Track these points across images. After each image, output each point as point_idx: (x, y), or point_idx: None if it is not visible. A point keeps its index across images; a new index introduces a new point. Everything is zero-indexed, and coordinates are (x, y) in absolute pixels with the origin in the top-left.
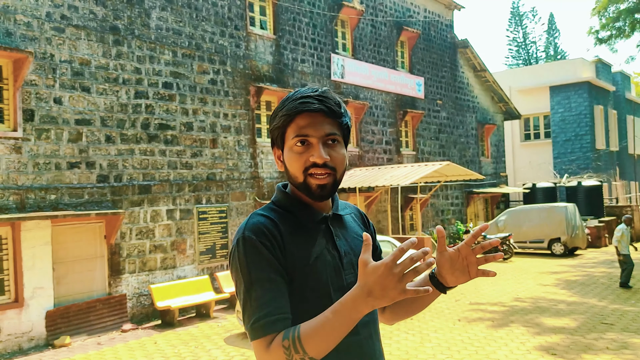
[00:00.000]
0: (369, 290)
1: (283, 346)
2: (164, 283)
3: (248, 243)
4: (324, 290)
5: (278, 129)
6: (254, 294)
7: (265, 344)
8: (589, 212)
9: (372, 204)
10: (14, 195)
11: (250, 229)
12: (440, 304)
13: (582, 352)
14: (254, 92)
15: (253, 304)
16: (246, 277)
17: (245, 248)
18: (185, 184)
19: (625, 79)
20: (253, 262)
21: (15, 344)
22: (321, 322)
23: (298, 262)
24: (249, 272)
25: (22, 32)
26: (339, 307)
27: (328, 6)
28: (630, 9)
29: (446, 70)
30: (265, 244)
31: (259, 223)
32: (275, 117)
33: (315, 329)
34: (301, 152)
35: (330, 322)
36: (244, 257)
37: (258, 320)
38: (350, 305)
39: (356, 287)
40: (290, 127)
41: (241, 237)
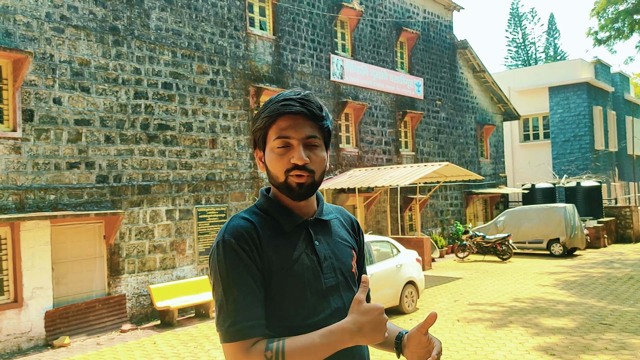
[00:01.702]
0: (359, 328)
1: (265, 356)
2: (163, 283)
3: (227, 246)
4: (301, 293)
5: (260, 130)
6: (231, 297)
7: (241, 349)
8: (587, 213)
9: (372, 204)
10: (13, 195)
11: (230, 232)
12: (439, 304)
13: (580, 352)
14: (254, 93)
15: (230, 307)
16: (224, 279)
17: (224, 251)
18: (185, 184)
19: (624, 80)
20: (231, 265)
21: (15, 344)
22: (307, 344)
23: (275, 266)
24: (227, 275)
25: (21, 33)
26: (328, 334)
27: (327, 7)
28: (629, 10)
29: (445, 71)
30: (244, 248)
31: (238, 226)
32: (257, 119)
33: (301, 349)
34: (282, 154)
35: (315, 346)
36: (223, 259)
37: (234, 324)
38: (338, 336)
39: (348, 321)
40: (271, 129)
41: (221, 239)
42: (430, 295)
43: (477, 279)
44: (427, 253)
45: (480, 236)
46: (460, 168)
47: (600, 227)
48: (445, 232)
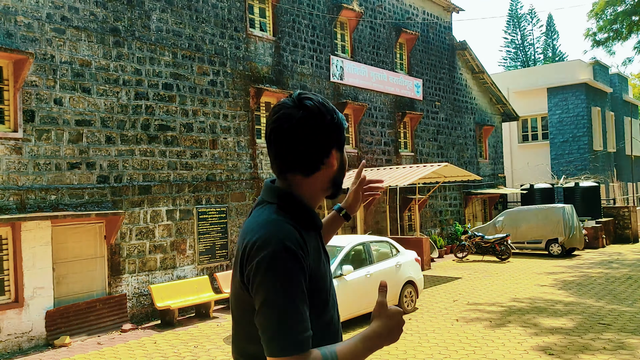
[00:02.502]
0: (390, 331)
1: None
2: (164, 283)
3: (291, 254)
4: (325, 293)
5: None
6: (293, 308)
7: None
8: (586, 213)
9: (371, 204)
10: (14, 195)
11: (289, 239)
12: (438, 304)
13: (579, 352)
14: (254, 94)
15: (293, 318)
16: (288, 289)
17: (287, 257)
18: (185, 184)
19: (623, 81)
20: (294, 273)
21: (15, 344)
22: (352, 350)
23: (312, 269)
24: (290, 284)
25: (22, 33)
26: (367, 340)
27: (327, 8)
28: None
29: (444, 72)
30: (302, 256)
31: (293, 232)
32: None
33: (352, 356)
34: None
35: (359, 351)
36: (283, 267)
37: (299, 335)
38: (375, 341)
39: (380, 326)
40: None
41: (283, 246)
42: (429, 295)
43: (476, 279)
44: (426, 253)
45: (479, 236)
46: (459, 168)
47: (599, 227)
48: (444, 232)
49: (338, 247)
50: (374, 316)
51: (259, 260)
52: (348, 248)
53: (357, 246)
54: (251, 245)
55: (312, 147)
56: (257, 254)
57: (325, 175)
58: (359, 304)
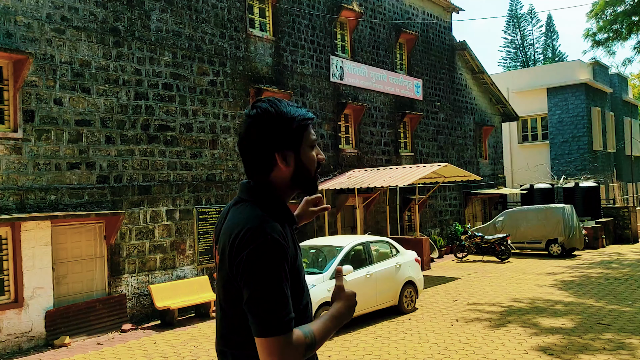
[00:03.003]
0: (349, 309)
1: (306, 343)
2: (164, 283)
3: (276, 244)
4: (301, 281)
5: (296, 134)
6: (279, 293)
7: (289, 340)
8: (586, 213)
9: (371, 204)
10: (14, 195)
11: (274, 232)
12: (438, 304)
13: (579, 352)
14: (254, 94)
15: (279, 302)
16: (274, 276)
17: (273, 249)
18: (185, 184)
19: (623, 81)
20: (280, 263)
21: (15, 344)
22: (324, 327)
23: (292, 262)
24: (275, 272)
25: (22, 33)
26: (334, 318)
27: (327, 8)
28: (627, 11)
29: (444, 72)
30: (286, 248)
31: (277, 226)
32: (288, 124)
33: (323, 333)
34: (315, 154)
35: (329, 328)
36: (270, 257)
37: (285, 317)
38: (341, 318)
39: (342, 306)
40: (306, 133)
41: (270, 238)
42: (429, 295)
43: (476, 279)
44: (426, 253)
45: (479, 236)
46: (459, 169)
47: (599, 227)
48: (444, 232)
49: (338, 247)
50: (335, 298)
51: (248, 252)
52: (348, 248)
53: (357, 246)
54: (240, 239)
55: (256, 151)
56: (247, 245)
57: (282, 175)
58: (359, 304)
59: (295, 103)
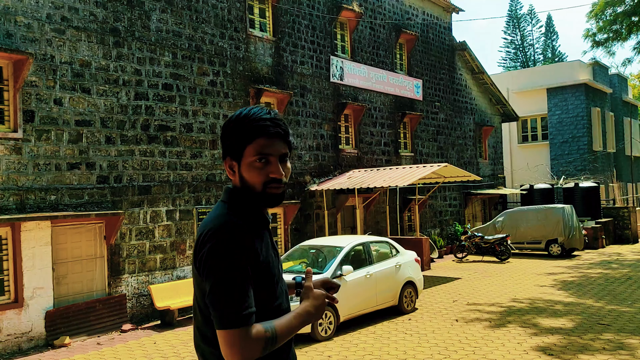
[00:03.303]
0: (316, 309)
1: (265, 337)
2: (164, 283)
3: (235, 243)
4: (273, 282)
5: (237, 144)
6: (237, 288)
7: (246, 333)
8: (586, 214)
9: (371, 205)
10: (14, 195)
11: (234, 230)
12: (438, 305)
13: (578, 352)
14: (254, 94)
15: (237, 297)
16: (232, 272)
17: (230, 245)
18: (185, 185)
19: (623, 82)
20: (237, 259)
21: (15, 344)
22: (288, 324)
23: (260, 260)
24: (233, 268)
25: (22, 34)
26: (299, 316)
27: (327, 9)
28: (627, 12)
29: (444, 72)
30: (246, 246)
31: (238, 225)
32: (231, 133)
33: (286, 328)
34: (261, 168)
35: (293, 325)
36: (227, 253)
37: (243, 311)
38: (305, 317)
39: (308, 305)
40: (251, 146)
41: (229, 236)
42: (429, 296)
43: (476, 279)
44: (426, 253)
45: (478, 237)
46: (458, 169)
47: (598, 227)
48: (444, 232)
49: (338, 248)
50: (303, 298)
51: (208, 248)
52: (348, 248)
53: (357, 246)
54: (203, 236)
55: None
56: (207, 243)
57: (235, 182)
58: (359, 304)
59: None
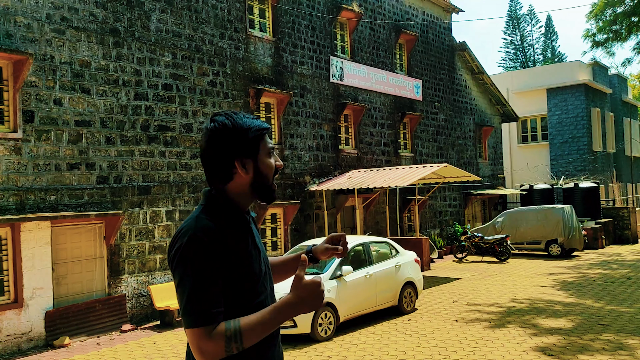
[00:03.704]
0: (302, 300)
1: (225, 335)
2: (164, 283)
3: (199, 243)
4: (252, 279)
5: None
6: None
7: (207, 332)
8: (585, 214)
9: (371, 205)
10: (13, 196)
11: (200, 230)
12: (437, 305)
13: (578, 353)
14: (254, 94)
15: (199, 297)
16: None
17: (196, 247)
18: (185, 185)
19: (622, 82)
20: (202, 260)
21: (15, 345)
22: (259, 320)
23: (235, 258)
24: (198, 269)
25: (22, 34)
26: (275, 310)
27: (327, 9)
28: (626, 12)
29: (444, 72)
30: (212, 245)
31: (207, 226)
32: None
33: (255, 325)
34: (272, 161)
35: (266, 321)
36: (194, 255)
37: (203, 311)
38: (284, 310)
39: (290, 296)
40: (262, 143)
41: (193, 236)
42: (429, 296)
43: (476, 279)
44: (425, 254)
45: (478, 237)
46: (458, 169)
47: (598, 228)
48: (443, 233)
49: None
50: (291, 289)
51: (175, 249)
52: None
53: (357, 247)
54: (173, 238)
55: (215, 161)
56: (175, 244)
57: (240, 183)
58: (359, 305)
59: (250, 115)
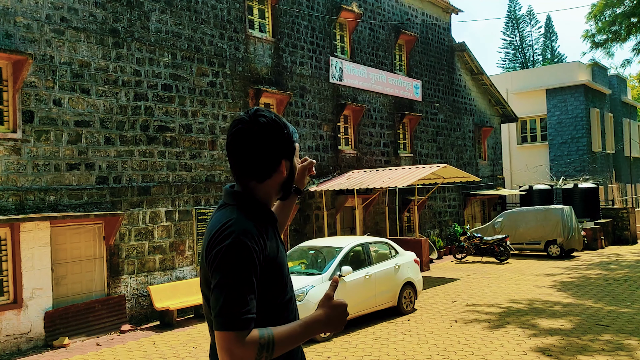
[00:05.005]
0: (329, 319)
1: (259, 343)
2: (163, 284)
3: (243, 247)
4: (282, 278)
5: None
6: (239, 292)
7: (240, 337)
8: (585, 214)
9: (370, 205)
10: (13, 196)
11: (244, 235)
12: (437, 305)
13: (577, 353)
14: (253, 95)
15: (237, 301)
16: (238, 276)
17: (240, 251)
18: (184, 185)
19: (622, 83)
20: (245, 264)
21: (14, 345)
22: (290, 332)
23: (269, 258)
24: (239, 272)
25: (22, 34)
26: (305, 325)
27: (327, 9)
28: (626, 13)
29: (444, 73)
30: (255, 250)
31: (250, 230)
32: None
33: (287, 336)
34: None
35: (297, 334)
36: (237, 258)
37: (241, 315)
38: (314, 326)
39: (320, 314)
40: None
41: (237, 240)
42: (428, 296)
43: (475, 280)
44: (425, 254)
45: (478, 237)
46: (458, 170)
47: (598, 228)
48: (443, 233)
49: (337, 248)
50: (320, 306)
51: (217, 250)
52: (347, 249)
53: (356, 247)
54: (214, 238)
55: (264, 158)
56: (218, 244)
57: (275, 181)
58: (358, 305)
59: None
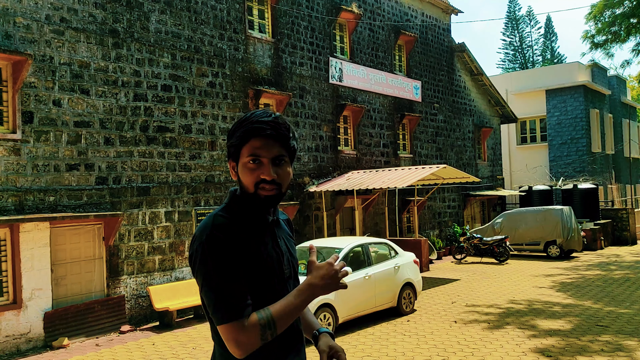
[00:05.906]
0: (320, 279)
1: (260, 324)
2: (163, 284)
3: (217, 241)
4: (270, 280)
5: (234, 146)
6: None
7: (241, 325)
8: (584, 215)
9: (370, 206)
10: (12, 197)
11: (217, 229)
12: (436, 306)
13: (577, 354)
14: (253, 95)
15: (227, 293)
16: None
17: (215, 245)
18: (184, 186)
19: (621, 83)
20: (220, 256)
21: (14, 345)
22: (287, 304)
23: (252, 258)
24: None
25: (21, 35)
26: (300, 293)
27: (326, 10)
28: (625, 14)
29: (443, 73)
30: (230, 243)
31: (224, 224)
32: (232, 135)
33: (284, 310)
34: (254, 169)
35: (294, 304)
36: (214, 253)
37: (234, 305)
38: (308, 291)
39: (309, 278)
40: (245, 147)
41: (211, 235)
42: (428, 297)
43: (475, 280)
44: (424, 255)
45: (477, 238)
46: (457, 170)
47: (597, 229)
48: (442, 234)
49: (337, 249)
50: (307, 273)
51: (194, 250)
52: (347, 250)
53: (356, 248)
54: (192, 239)
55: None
56: (193, 245)
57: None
58: (358, 306)
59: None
